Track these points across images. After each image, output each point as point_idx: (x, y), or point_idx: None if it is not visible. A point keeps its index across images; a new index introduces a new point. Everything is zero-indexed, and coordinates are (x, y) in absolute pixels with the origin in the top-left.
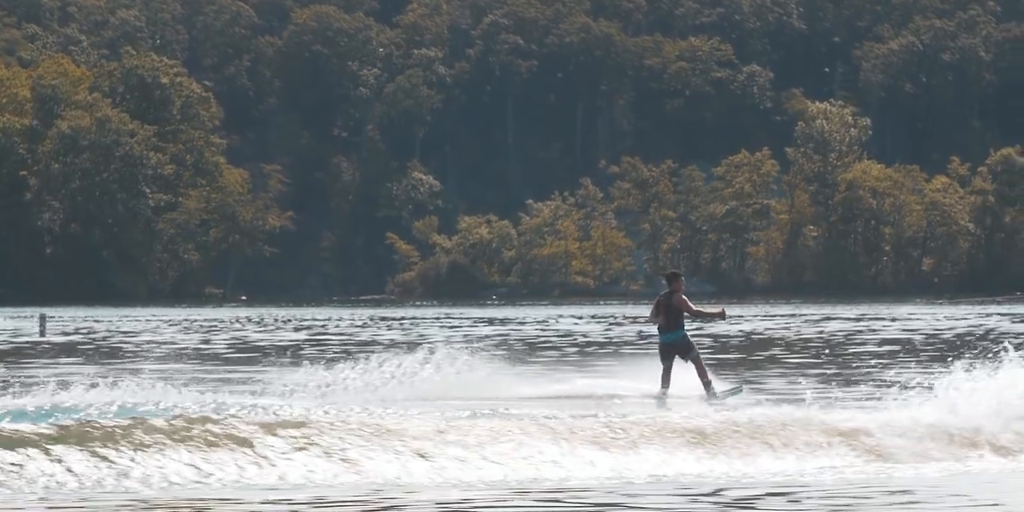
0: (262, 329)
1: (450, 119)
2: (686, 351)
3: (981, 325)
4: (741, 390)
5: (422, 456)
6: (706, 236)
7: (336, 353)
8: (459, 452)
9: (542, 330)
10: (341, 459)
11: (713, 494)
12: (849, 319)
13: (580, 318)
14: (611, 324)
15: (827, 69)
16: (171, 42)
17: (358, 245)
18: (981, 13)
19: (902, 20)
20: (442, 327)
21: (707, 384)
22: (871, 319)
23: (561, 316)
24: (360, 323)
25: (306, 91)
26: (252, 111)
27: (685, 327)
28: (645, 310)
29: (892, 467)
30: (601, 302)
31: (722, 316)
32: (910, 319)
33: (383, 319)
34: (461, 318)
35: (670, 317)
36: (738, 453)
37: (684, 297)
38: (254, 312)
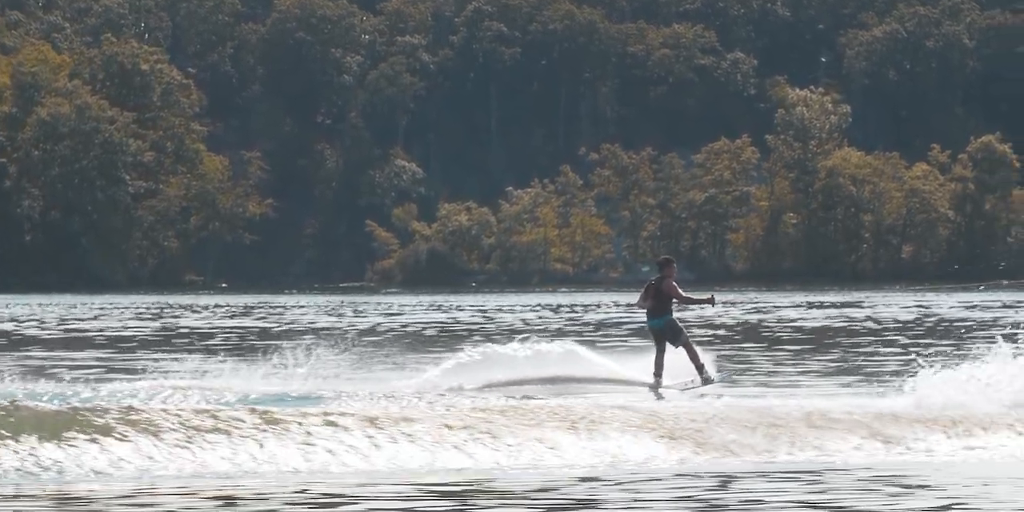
0: (200, 317)
1: (433, 106)
2: (675, 336)
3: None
4: (731, 375)
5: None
6: (686, 223)
7: (231, 341)
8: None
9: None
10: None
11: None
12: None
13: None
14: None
15: (822, 59)
16: (154, 29)
17: (341, 232)
18: (965, 0)
19: (886, 7)
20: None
21: (700, 368)
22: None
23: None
24: (312, 310)
25: (289, 78)
26: (235, 98)
27: (673, 313)
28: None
29: None
30: (570, 290)
31: (711, 302)
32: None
33: (336, 306)
34: (405, 305)
35: (658, 302)
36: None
37: (674, 283)
38: (222, 299)
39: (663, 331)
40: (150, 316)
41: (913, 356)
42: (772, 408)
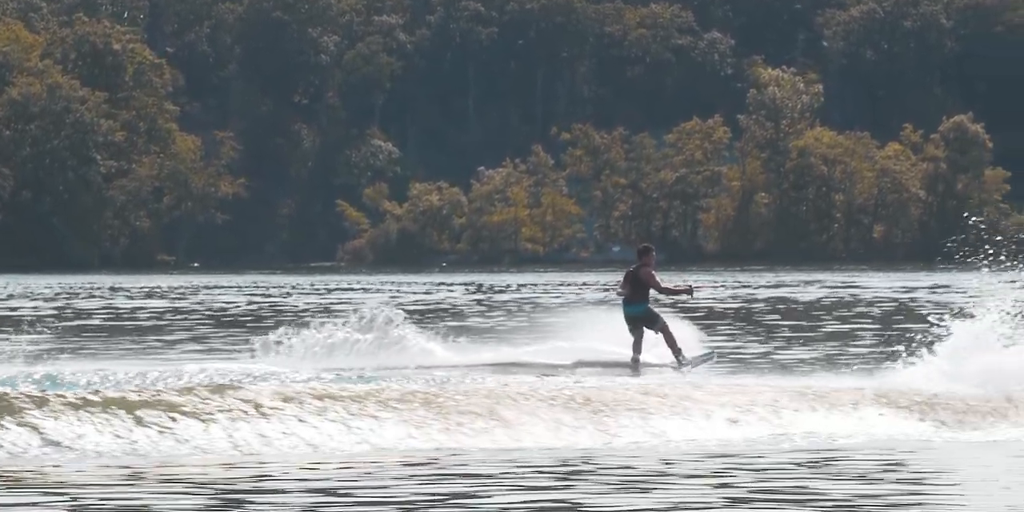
0: (130, 298)
1: (410, 86)
2: (651, 323)
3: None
4: (713, 356)
5: None
6: (657, 203)
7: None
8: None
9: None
10: None
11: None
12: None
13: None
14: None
15: (800, 39)
16: (132, 8)
17: (316, 212)
18: None
19: None
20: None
21: (677, 352)
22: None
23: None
24: (257, 291)
25: (266, 57)
26: (212, 78)
27: (650, 301)
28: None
29: None
30: (540, 270)
31: (689, 293)
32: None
33: (281, 286)
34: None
35: (635, 290)
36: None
37: (652, 272)
38: (183, 279)
39: (638, 318)
40: (86, 297)
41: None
42: None
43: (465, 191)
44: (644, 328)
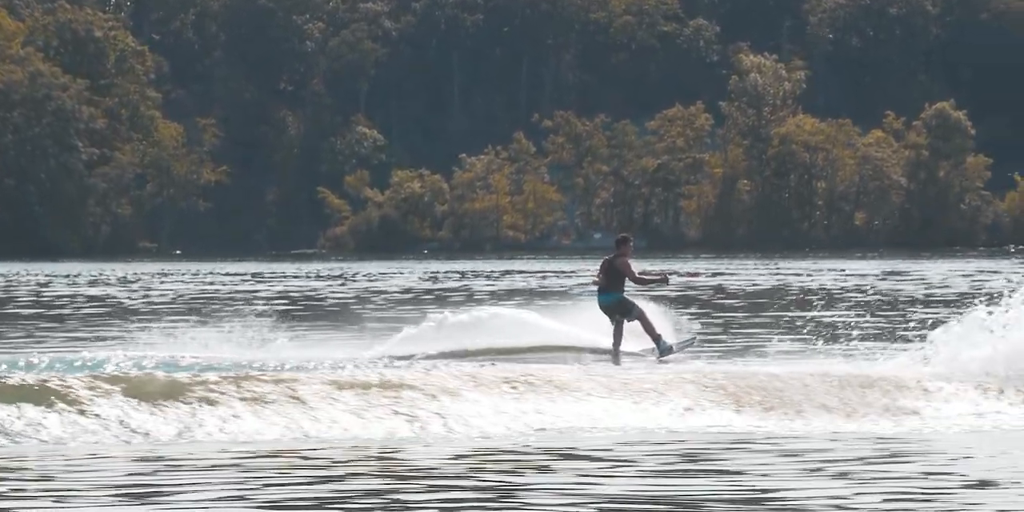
0: (72, 284)
1: (395, 73)
2: (627, 312)
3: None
4: (694, 341)
5: None
6: (639, 190)
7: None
8: None
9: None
10: None
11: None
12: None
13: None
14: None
15: (785, 25)
16: None
17: (302, 199)
18: None
19: None
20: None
21: (656, 338)
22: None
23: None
24: (206, 279)
25: (251, 45)
26: (197, 65)
27: (625, 290)
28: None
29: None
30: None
31: (664, 281)
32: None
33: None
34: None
35: (611, 279)
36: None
37: (628, 262)
38: (150, 267)
39: (612, 307)
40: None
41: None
42: None
43: (448, 178)
44: (622, 317)
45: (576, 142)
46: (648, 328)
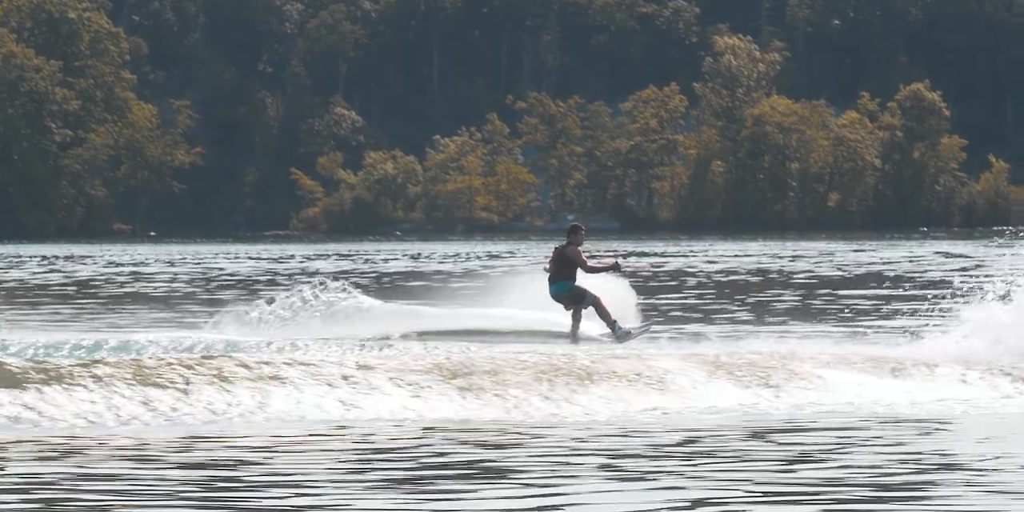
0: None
1: (374, 55)
2: (579, 300)
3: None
4: (650, 327)
5: None
6: (612, 171)
7: None
8: None
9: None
10: None
11: None
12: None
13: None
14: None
15: (765, 6)
16: None
17: (280, 181)
18: None
19: None
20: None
21: (611, 324)
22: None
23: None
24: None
25: (231, 26)
26: (177, 46)
27: (576, 280)
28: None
29: None
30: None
31: (616, 268)
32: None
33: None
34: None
35: (560, 267)
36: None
37: (579, 250)
38: (113, 249)
39: (564, 296)
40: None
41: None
42: None
43: (422, 160)
44: (575, 306)
45: (550, 124)
46: (603, 314)
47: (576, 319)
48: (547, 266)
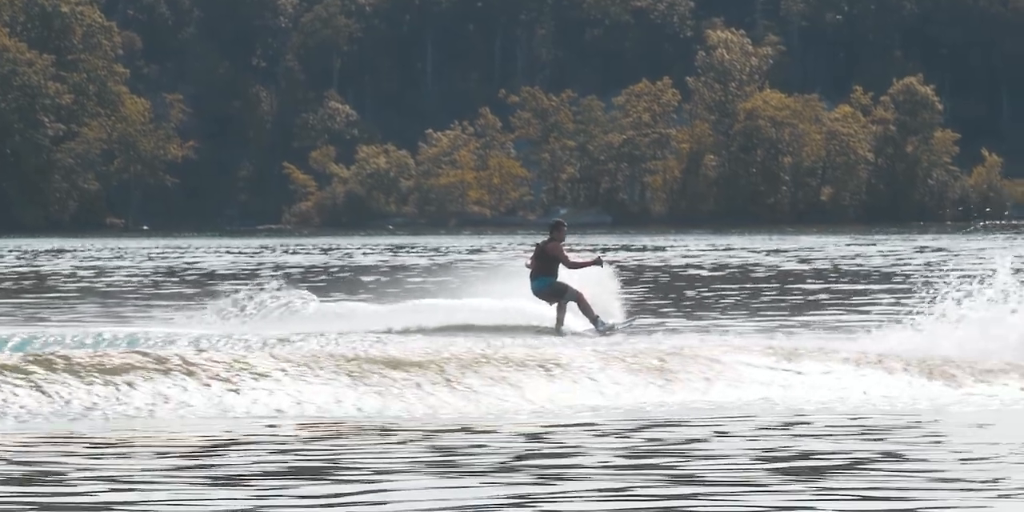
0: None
1: (369, 49)
2: (560, 295)
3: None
4: (634, 320)
5: None
6: (605, 166)
7: None
8: None
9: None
10: None
11: None
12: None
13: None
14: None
15: (766, 1)
16: None
17: (274, 175)
18: None
19: None
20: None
21: (594, 319)
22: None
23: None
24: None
25: (225, 21)
26: (171, 41)
27: (558, 275)
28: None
29: None
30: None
31: (598, 264)
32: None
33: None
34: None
35: (542, 263)
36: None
37: (562, 246)
38: (94, 243)
39: (545, 292)
40: None
41: None
42: None
43: (415, 154)
44: (557, 301)
45: (542, 118)
46: (585, 309)
47: (560, 313)
48: (528, 262)
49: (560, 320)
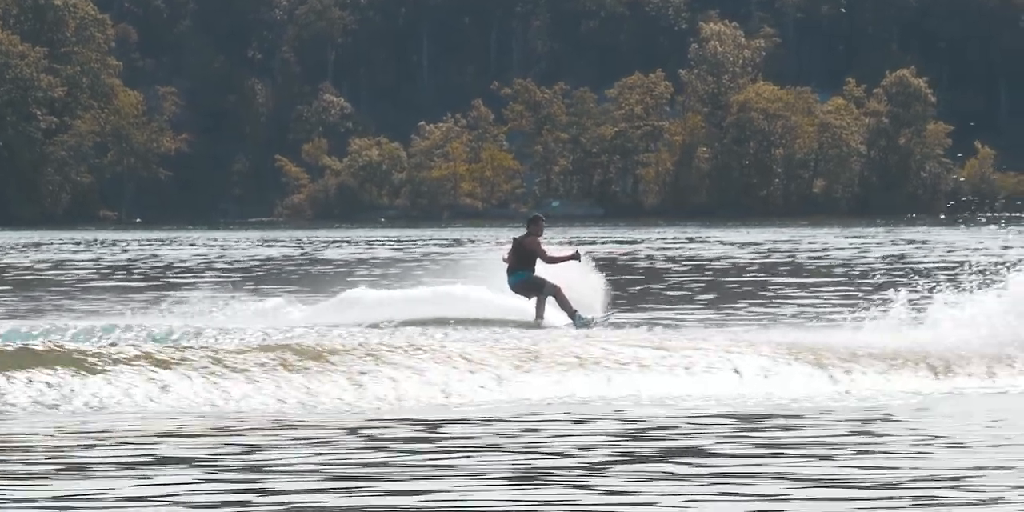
0: None
1: (364, 41)
2: (537, 289)
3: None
4: (612, 315)
5: None
6: (598, 158)
7: None
8: None
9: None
10: None
11: None
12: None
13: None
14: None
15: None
16: None
17: (269, 168)
18: None
19: None
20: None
21: (572, 313)
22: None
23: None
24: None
25: (220, 13)
26: (166, 34)
27: (536, 270)
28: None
29: None
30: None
31: (576, 258)
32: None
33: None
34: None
35: (518, 258)
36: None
37: (538, 241)
38: (76, 235)
39: (521, 287)
40: None
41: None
42: None
43: (403, 146)
44: (535, 296)
45: (535, 110)
46: (563, 303)
47: (540, 307)
48: (505, 256)
49: (540, 314)
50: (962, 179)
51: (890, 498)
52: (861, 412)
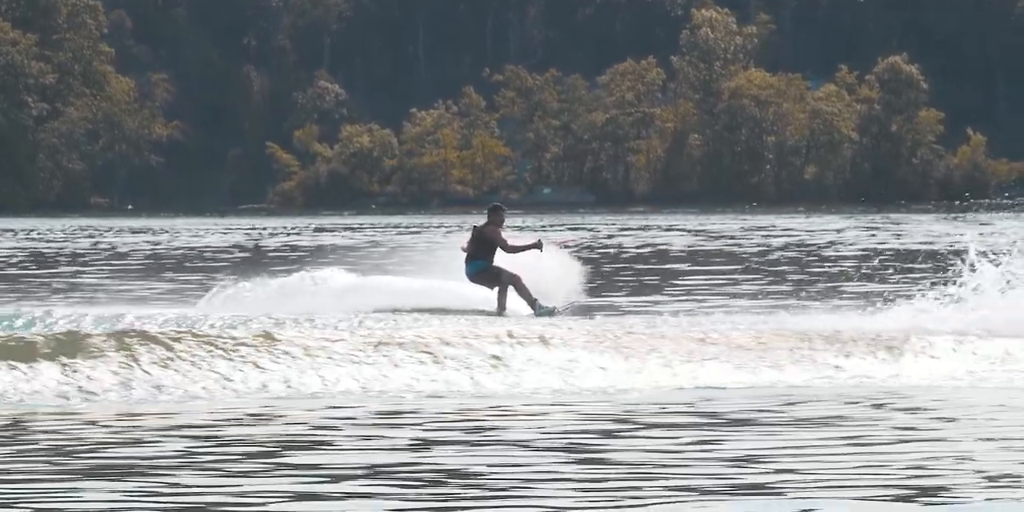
0: None
1: (359, 30)
2: (495, 280)
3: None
4: (574, 305)
5: None
6: (589, 145)
7: None
8: None
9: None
10: None
11: None
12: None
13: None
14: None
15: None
16: None
17: (263, 154)
18: None
19: None
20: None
21: (532, 302)
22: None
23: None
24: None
25: (216, 1)
26: (161, 21)
27: (493, 260)
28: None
29: None
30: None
31: (538, 247)
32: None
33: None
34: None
35: (477, 247)
36: None
37: (499, 230)
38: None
39: (479, 276)
40: None
41: None
42: None
43: (394, 133)
44: (494, 285)
45: (526, 97)
46: (522, 292)
47: (502, 295)
48: (464, 245)
49: (501, 305)
50: (954, 165)
51: None
52: None
